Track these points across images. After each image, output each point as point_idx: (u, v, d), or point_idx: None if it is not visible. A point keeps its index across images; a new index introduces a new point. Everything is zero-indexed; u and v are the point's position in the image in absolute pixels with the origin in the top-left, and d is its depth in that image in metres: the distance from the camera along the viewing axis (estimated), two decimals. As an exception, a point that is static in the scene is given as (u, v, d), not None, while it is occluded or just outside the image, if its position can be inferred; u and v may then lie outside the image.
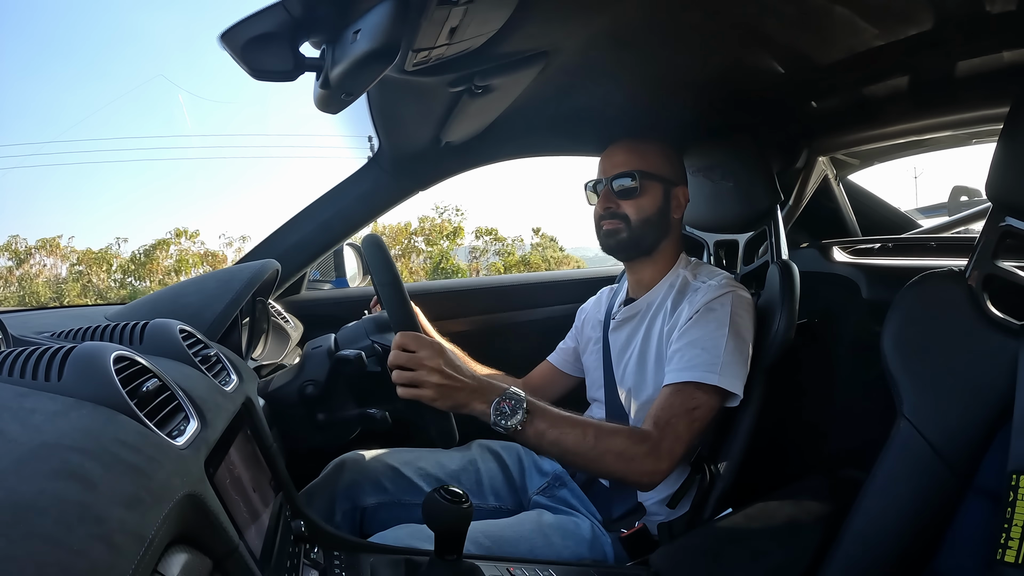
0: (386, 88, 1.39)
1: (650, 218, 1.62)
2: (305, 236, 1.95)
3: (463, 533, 1.02)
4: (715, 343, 1.44)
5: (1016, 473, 1.04)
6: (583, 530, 1.51)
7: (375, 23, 0.88)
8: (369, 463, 1.65)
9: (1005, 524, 1.04)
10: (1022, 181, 1.12)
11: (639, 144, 1.66)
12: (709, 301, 1.49)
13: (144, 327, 1.04)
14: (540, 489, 1.68)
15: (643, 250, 1.66)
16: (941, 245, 2.13)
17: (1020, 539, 1.02)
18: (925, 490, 1.14)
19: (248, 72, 0.92)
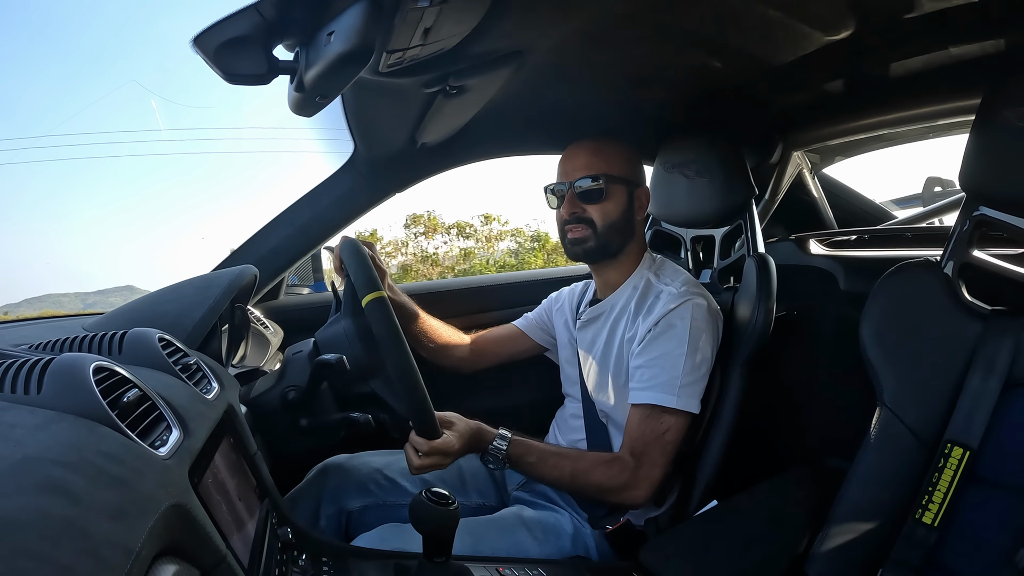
0: (360, 90, 1.38)
1: (615, 222, 1.63)
2: (282, 241, 1.93)
3: (451, 535, 1.02)
4: (674, 362, 1.48)
5: (950, 442, 1.12)
6: (564, 525, 1.52)
7: (349, 25, 0.88)
8: (353, 466, 1.64)
9: (929, 487, 1.12)
10: (994, 171, 1.14)
11: (601, 145, 1.65)
12: (668, 313, 1.51)
13: (123, 337, 1.03)
14: (520, 484, 1.70)
15: (610, 254, 1.66)
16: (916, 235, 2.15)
17: (940, 503, 1.11)
18: (907, 474, 1.17)
19: (221, 76, 0.91)
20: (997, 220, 1.17)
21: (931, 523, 1.12)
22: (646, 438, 1.47)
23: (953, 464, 1.11)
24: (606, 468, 1.47)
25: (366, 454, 1.71)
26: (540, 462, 1.49)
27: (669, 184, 1.83)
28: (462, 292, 2.48)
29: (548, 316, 1.95)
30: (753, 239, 1.76)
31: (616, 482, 1.45)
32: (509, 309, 2.35)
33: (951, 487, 1.11)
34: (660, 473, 1.46)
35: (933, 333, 1.21)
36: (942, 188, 2.65)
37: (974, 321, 1.17)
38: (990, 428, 1.11)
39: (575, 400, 1.76)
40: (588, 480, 1.47)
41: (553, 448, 1.54)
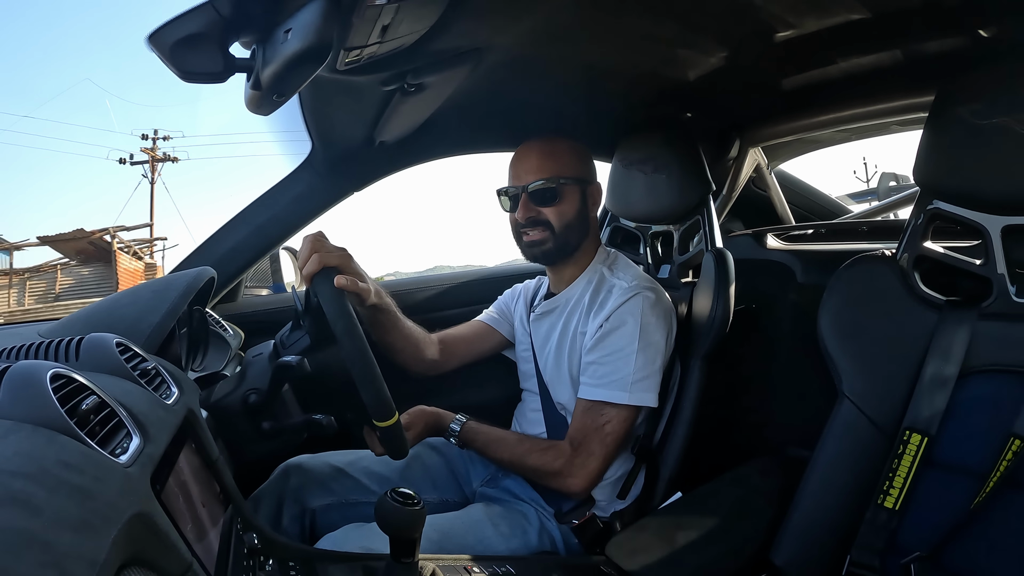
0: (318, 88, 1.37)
1: (571, 222, 1.63)
2: (240, 242, 1.90)
3: (418, 535, 1.01)
4: (625, 360, 1.49)
5: (909, 429, 1.15)
6: (530, 519, 1.53)
7: (306, 22, 0.87)
8: (314, 466, 1.63)
9: (889, 473, 1.16)
10: (948, 166, 1.17)
11: (551, 146, 1.65)
12: (618, 308, 1.53)
13: (80, 342, 1.00)
14: (485, 480, 1.70)
15: (566, 254, 1.67)
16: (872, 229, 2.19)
17: (900, 488, 1.14)
18: (868, 461, 1.20)
19: (177, 74, 0.89)
20: (950, 213, 1.20)
21: (892, 507, 1.15)
22: (586, 429, 1.50)
23: (912, 450, 1.14)
24: (541, 454, 1.52)
25: (327, 454, 1.70)
26: (485, 446, 1.58)
27: (627, 181, 1.84)
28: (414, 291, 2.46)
29: (508, 311, 1.95)
30: (711, 234, 1.78)
31: (551, 468, 1.50)
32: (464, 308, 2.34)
33: (910, 472, 1.14)
34: (597, 464, 1.48)
35: (889, 323, 1.24)
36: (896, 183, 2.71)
37: (929, 311, 1.21)
38: (946, 415, 1.14)
39: (533, 394, 1.77)
40: (525, 464, 1.54)
41: (498, 433, 1.61)
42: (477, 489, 1.69)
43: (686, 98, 1.85)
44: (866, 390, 1.23)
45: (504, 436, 1.60)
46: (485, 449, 1.59)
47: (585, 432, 1.50)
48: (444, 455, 1.77)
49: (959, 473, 1.13)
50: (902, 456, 1.15)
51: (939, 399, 1.14)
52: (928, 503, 1.15)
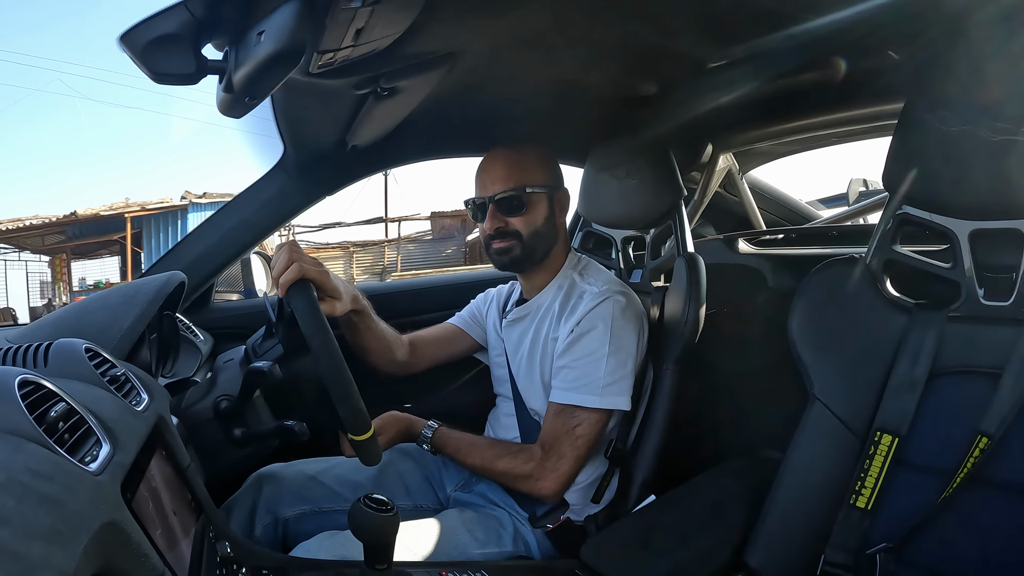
0: (290, 91, 1.36)
1: (539, 230, 1.63)
2: (211, 246, 1.89)
3: (392, 541, 1.00)
4: (596, 364, 1.49)
5: (880, 431, 1.17)
6: (504, 524, 1.53)
7: (279, 24, 0.86)
8: (287, 474, 1.61)
9: (861, 473, 1.18)
10: (916, 172, 1.19)
11: (516, 155, 1.65)
12: (589, 313, 1.53)
13: (48, 348, 0.99)
14: (458, 485, 1.70)
15: (535, 261, 1.67)
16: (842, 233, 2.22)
17: (872, 488, 1.16)
18: (841, 464, 1.22)
19: (148, 75, 0.88)
20: (919, 218, 1.22)
21: (865, 507, 1.17)
22: (557, 432, 1.50)
23: (883, 451, 1.16)
24: (512, 458, 1.53)
25: (300, 462, 1.68)
26: (456, 452, 1.60)
27: (599, 186, 1.85)
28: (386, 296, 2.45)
29: (480, 315, 1.95)
30: (683, 239, 1.79)
31: (521, 471, 1.51)
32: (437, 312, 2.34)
33: (881, 472, 1.16)
34: (568, 467, 1.48)
35: (859, 326, 1.26)
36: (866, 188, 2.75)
37: (898, 314, 1.22)
38: (916, 415, 1.16)
39: (507, 399, 1.76)
40: (496, 468, 1.55)
41: (469, 438, 1.62)
42: (451, 494, 1.68)
43: (658, 104, 1.86)
44: (837, 392, 1.25)
45: (475, 441, 1.61)
46: (456, 454, 1.59)
47: (556, 435, 1.50)
48: (417, 461, 1.75)
49: (929, 472, 1.15)
50: (873, 457, 1.17)
51: (909, 400, 1.16)
52: (898, 502, 1.16)
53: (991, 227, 1.15)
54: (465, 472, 1.70)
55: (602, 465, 1.58)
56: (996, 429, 1.06)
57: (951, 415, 1.15)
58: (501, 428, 1.75)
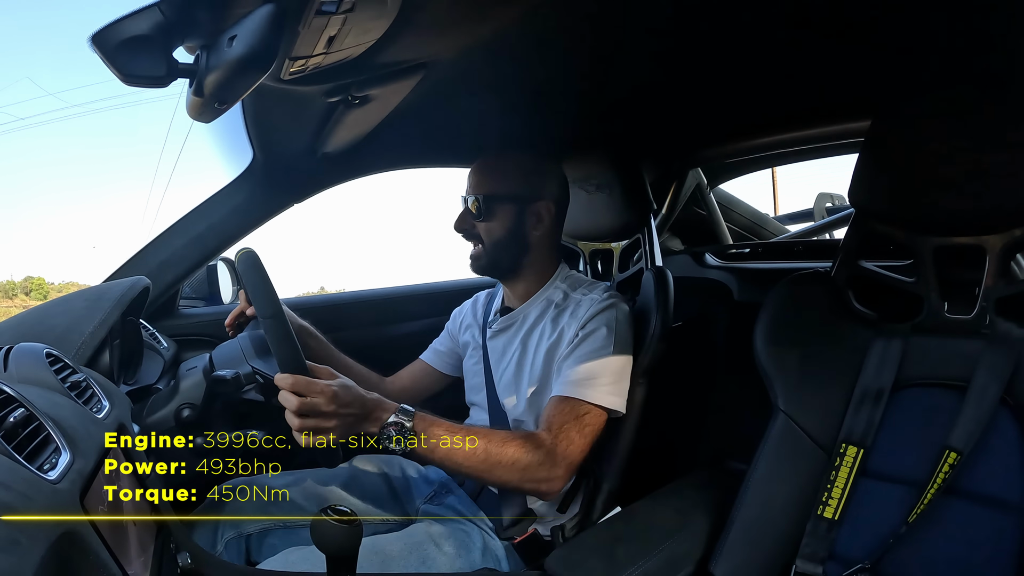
0: (261, 97, 1.35)
1: (501, 240, 1.62)
2: (176, 251, 1.86)
3: (355, 553, 0.99)
4: (601, 364, 1.48)
5: (845, 442, 1.20)
6: (474, 538, 1.51)
7: (251, 30, 0.86)
8: (251, 487, 1.59)
9: (828, 484, 1.20)
10: (882, 189, 1.21)
11: (492, 163, 1.65)
12: (594, 316, 1.52)
13: (8, 352, 0.97)
14: (428, 498, 1.67)
15: (504, 270, 1.67)
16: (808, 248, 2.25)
17: (839, 499, 1.18)
18: (805, 475, 1.24)
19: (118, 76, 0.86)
20: (884, 233, 1.24)
21: (832, 517, 1.18)
22: (565, 418, 1.44)
23: (848, 462, 1.18)
24: (523, 442, 1.40)
25: (264, 476, 1.65)
26: (450, 434, 1.37)
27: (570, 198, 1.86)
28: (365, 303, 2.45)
29: (454, 340, 1.93)
30: (651, 252, 1.80)
31: (532, 457, 1.38)
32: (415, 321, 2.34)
33: (847, 483, 1.18)
34: (577, 455, 1.42)
35: (823, 340, 1.28)
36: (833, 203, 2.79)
37: (863, 328, 1.25)
38: (881, 426, 1.18)
39: (481, 409, 1.74)
40: (503, 454, 1.37)
41: (460, 426, 1.42)
42: (420, 507, 1.66)
43: (629, 118, 1.87)
44: (801, 405, 1.26)
45: (472, 427, 1.47)
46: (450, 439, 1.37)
47: (564, 421, 1.44)
48: (383, 474, 1.73)
49: (895, 482, 1.17)
50: (839, 468, 1.19)
51: (873, 412, 1.19)
52: (866, 512, 1.18)
53: (954, 243, 1.17)
54: (434, 484, 1.69)
55: None
56: (964, 445, 1.09)
57: (916, 426, 1.17)
58: None
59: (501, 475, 1.37)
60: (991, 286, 1.16)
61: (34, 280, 16.06)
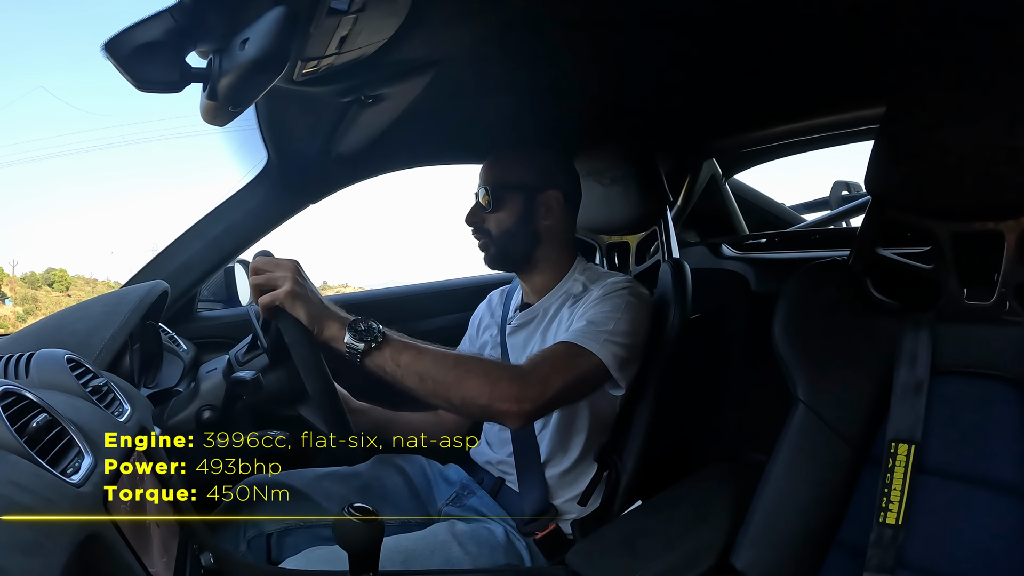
0: (274, 99, 1.36)
1: (509, 230, 1.61)
2: (194, 255, 1.88)
3: (376, 549, 1.00)
4: (605, 321, 1.44)
5: (894, 441, 1.15)
6: (497, 536, 1.50)
7: (263, 32, 0.86)
8: (272, 487, 1.59)
9: (885, 489, 1.14)
10: (898, 175, 1.20)
11: (501, 156, 1.65)
12: (610, 292, 1.50)
13: (29, 359, 0.98)
14: (449, 499, 1.67)
15: (516, 262, 1.66)
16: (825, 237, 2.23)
17: (899, 501, 1.12)
18: (826, 466, 1.21)
19: (132, 83, 0.87)
20: (901, 220, 1.23)
21: (896, 522, 1.13)
22: (548, 356, 1.41)
23: (902, 460, 1.14)
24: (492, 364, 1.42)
25: (285, 474, 1.66)
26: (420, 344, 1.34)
27: (584, 192, 1.85)
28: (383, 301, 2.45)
29: (475, 344, 1.90)
30: (668, 244, 1.80)
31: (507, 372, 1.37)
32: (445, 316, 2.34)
33: (905, 483, 1.13)
34: (556, 387, 1.34)
35: (842, 328, 1.26)
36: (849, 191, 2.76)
37: (883, 317, 1.23)
38: (927, 420, 1.15)
39: None
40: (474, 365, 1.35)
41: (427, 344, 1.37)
42: (442, 509, 1.66)
43: (642, 110, 1.87)
44: (822, 395, 1.25)
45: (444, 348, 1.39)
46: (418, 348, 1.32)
47: (546, 357, 1.40)
48: (405, 475, 1.72)
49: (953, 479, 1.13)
50: (893, 469, 1.14)
51: (917, 404, 1.15)
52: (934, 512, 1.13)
53: (972, 229, 1.16)
54: (456, 484, 1.68)
55: (590, 468, 1.57)
56: None
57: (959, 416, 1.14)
58: (498, 441, 1.69)
59: (470, 388, 1.30)
60: (1009, 272, 1.14)
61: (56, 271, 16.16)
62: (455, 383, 1.29)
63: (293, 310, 1.25)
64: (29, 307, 15.76)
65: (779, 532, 1.23)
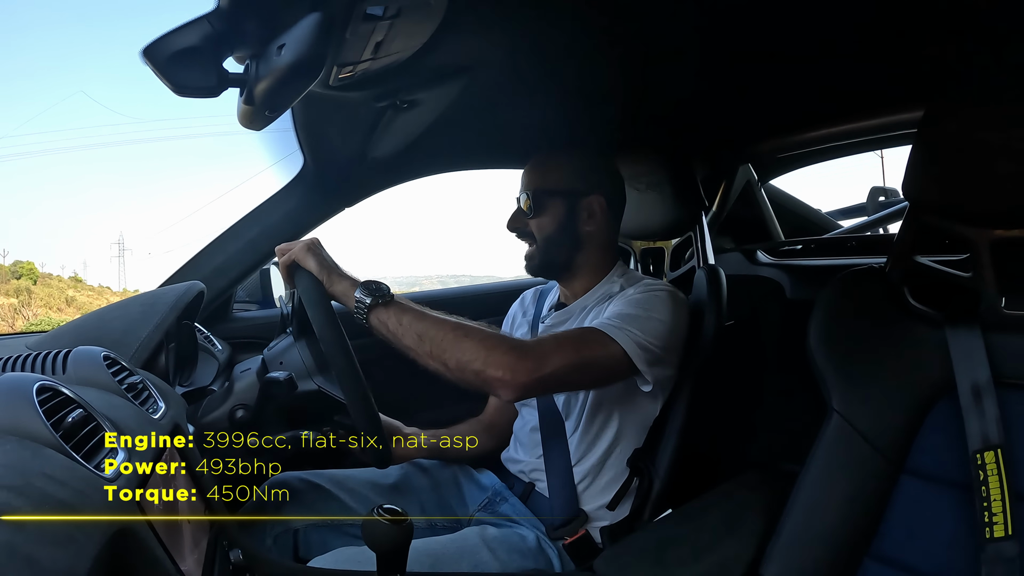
0: (310, 103, 1.37)
1: (552, 235, 1.59)
2: (230, 257, 1.90)
3: (405, 551, 1.00)
4: (634, 314, 1.41)
5: (978, 452, 1.09)
6: (529, 542, 1.48)
7: (299, 38, 0.87)
8: (300, 486, 1.60)
9: (984, 503, 1.07)
10: (937, 181, 1.17)
11: (543, 160, 1.63)
12: (646, 291, 1.48)
13: (67, 355, 1.00)
14: (481, 505, 1.66)
15: (558, 268, 1.64)
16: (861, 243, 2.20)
17: (1002, 512, 1.06)
18: (860, 478, 1.19)
19: (170, 88, 0.89)
20: (939, 227, 1.20)
21: (1004, 535, 1.06)
22: (556, 335, 1.41)
23: (992, 469, 1.08)
24: (493, 333, 1.36)
25: (313, 473, 1.67)
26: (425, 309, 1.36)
27: (620, 197, 1.85)
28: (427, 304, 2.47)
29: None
30: (703, 250, 1.79)
31: (506, 342, 1.34)
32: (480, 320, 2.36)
33: (1003, 492, 1.07)
34: (557, 363, 1.30)
35: (879, 337, 1.24)
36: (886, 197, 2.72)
37: (920, 325, 1.20)
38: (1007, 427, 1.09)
39: (531, 409, 1.69)
40: (472, 329, 1.33)
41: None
42: (474, 514, 1.66)
43: (678, 115, 1.86)
44: (857, 405, 1.22)
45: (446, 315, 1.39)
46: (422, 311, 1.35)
47: (554, 336, 1.39)
48: (435, 479, 1.72)
49: None
50: (987, 480, 1.08)
51: (990, 408, 1.10)
52: None
53: (1013, 236, 1.13)
54: (488, 490, 1.67)
55: (622, 474, 1.55)
56: None
57: None
58: (530, 444, 1.68)
59: (465, 351, 1.29)
60: None
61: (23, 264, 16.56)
62: (451, 345, 1.29)
63: (305, 262, 1.31)
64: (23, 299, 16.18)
65: (810, 544, 1.21)
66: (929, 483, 1.14)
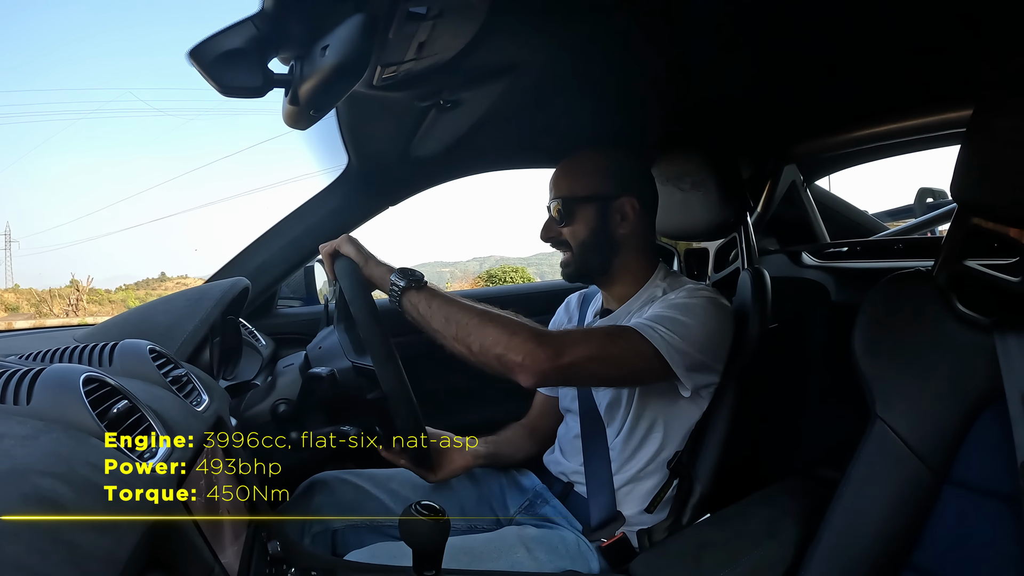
0: (354, 103, 1.39)
1: (586, 241, 1.57)
2: (275, 254, 1.93)
3: (441, 547, 1.01)
4: (672, 317, 1.39)
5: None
6: (568, 543, 1.48)
7: (343, 38, 0.88)
8: (340, 484, 1.61)
9: None
10: (986, 182, 1.14)
11: (570, 164, 1.60)
12: (689, 296, 1.45)
13: (113, 348, 1.02)
14: (522, 507, 1.66)
15: (594, 273, 1.61)
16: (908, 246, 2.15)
17: None
18: (902, 486, 1.16)
19: (217, 89, 0.90)
20: (989, 230, 1.17)
21: None
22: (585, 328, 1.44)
23: None
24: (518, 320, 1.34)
25: (353, 472, 1.68)
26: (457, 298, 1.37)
27: (663, 197, 1.82)
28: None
29: None
30: (748, 252, 1.77)
31: (529, 331, 1.31)
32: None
33: None
34: (567, 358, 1.29)
35: (927, 343, 1.21)
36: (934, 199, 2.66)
37: (972, 332, 1.17)
38: None
39: (574, 415, 1.68)
40: (500, 316, 1.34)
41: None
42: (515, 516, 1.65)
43: (722, 114, 1.84)
44: (901, 412, 1.20)
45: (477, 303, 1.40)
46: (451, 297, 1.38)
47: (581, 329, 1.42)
48: (476, 480, 1.73)
49: None
50: None
51: None
52: None
53: None
54: (529, 492, 1.67)
55: (662, 476, 1.54)
56: None
57: None
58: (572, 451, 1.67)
59: (488, 335, 1.31)
60: None
61: None
62: (476, 329, 1.31)
63: (345, 249, 1.42)
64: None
65: (849, 553, 1.19)
66: (974, 494, 1.11)
